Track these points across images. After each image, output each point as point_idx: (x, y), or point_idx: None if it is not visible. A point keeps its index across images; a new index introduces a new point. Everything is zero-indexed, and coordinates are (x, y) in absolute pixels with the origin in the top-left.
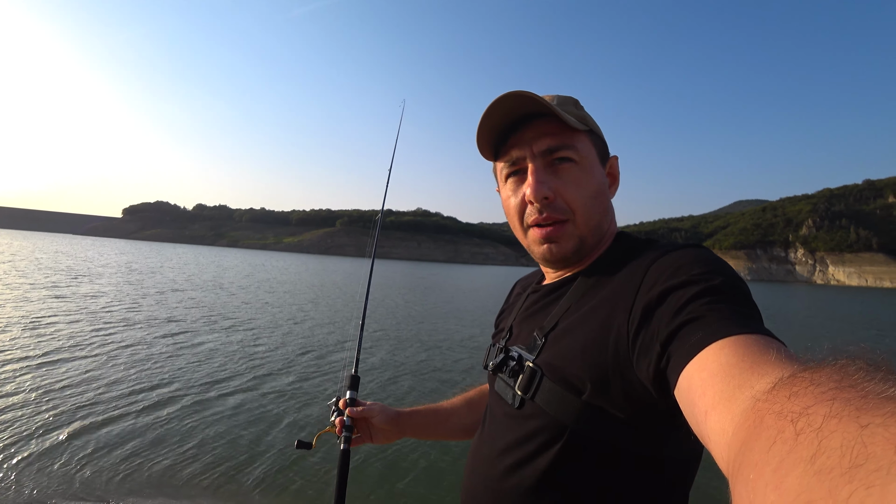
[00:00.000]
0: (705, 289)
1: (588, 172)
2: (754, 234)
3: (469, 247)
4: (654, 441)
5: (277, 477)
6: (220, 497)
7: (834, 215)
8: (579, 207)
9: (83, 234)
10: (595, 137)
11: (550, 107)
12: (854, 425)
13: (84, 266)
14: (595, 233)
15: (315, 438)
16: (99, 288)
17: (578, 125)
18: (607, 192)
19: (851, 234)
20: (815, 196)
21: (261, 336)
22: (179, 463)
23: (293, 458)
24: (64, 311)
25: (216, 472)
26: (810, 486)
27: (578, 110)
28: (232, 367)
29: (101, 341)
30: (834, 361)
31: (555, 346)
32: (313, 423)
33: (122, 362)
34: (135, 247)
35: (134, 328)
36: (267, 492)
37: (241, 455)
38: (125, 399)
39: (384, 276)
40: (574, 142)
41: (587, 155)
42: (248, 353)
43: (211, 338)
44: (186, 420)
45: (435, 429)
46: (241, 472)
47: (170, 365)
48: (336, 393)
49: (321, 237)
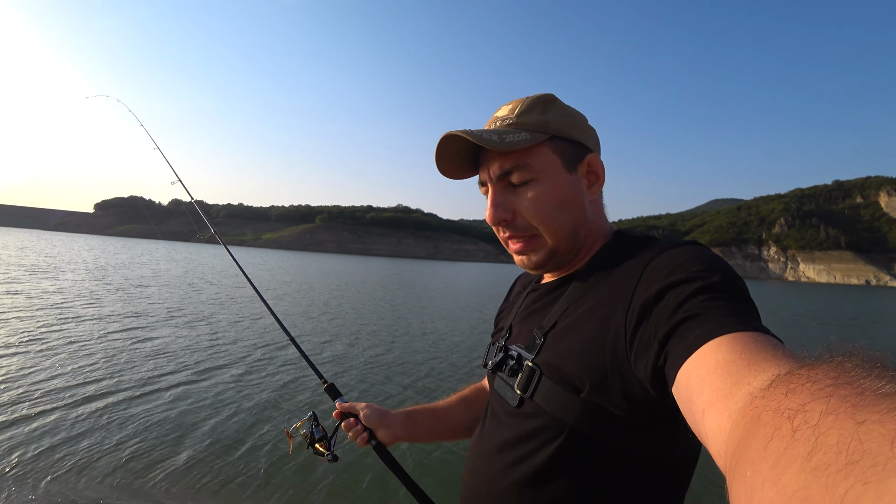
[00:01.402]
0: (703, 286)
1: (548, 185)
2: (729, 232)
3: (450, 244)
4: (653, 439)
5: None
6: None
7: (805, 214)
8: (541, 223)
9: (52, 230)
10: (560, 143)
11: (485, 143)
12: (850, 422)
13: (49, 262)
14: (568, 241)
15: (316, 450)
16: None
17: (531, 141)
18: (579, 196)
19: (821, 232)
20: (788, 196)
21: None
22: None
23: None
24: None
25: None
26: (807, 482)
27: (544, 114)
28: (174, 370)
29: (46, 341)
30: (830, 359)
31: (554, 345)
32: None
33: (64, 358)
34: (104, 243)
35: (86, 324)
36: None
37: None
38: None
39: (364, 272)
40: (527, 159)
41: (547, 167)
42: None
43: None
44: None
45: (432, 429)
46: (219, 476)
47: (110, 363)
48: (311, 407)
49: (301, 233)
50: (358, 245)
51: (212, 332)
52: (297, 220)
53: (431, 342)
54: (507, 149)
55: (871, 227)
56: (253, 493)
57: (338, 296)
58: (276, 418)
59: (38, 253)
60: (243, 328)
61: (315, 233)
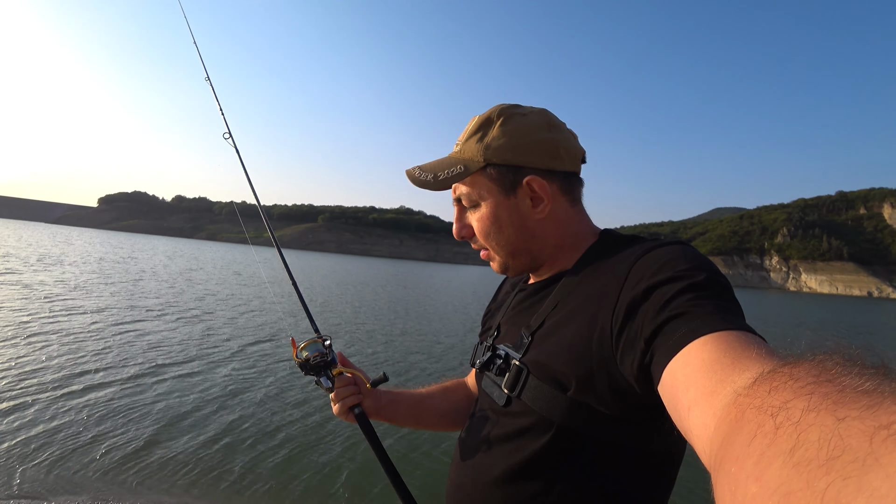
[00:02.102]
0: (689, 285)
1: (487, 210)
2: (731, 240)
3: (450, 246)
4: (639, 435)
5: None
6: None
7: (808, 224)
8: (486, 241)
9: (53, 223)
10: (494, 170)
11: (422, 186)
12: (831, 418)
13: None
14: (520, 255)
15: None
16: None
17: (464, 174)
18: (518, 218)
19: (824, 243)
20: (791, 205)
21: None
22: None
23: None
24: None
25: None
26: (789, 477)
27: (482, 140)
28: (174, 355)
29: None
30: (812, 357)
31: (541, 344)
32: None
33: (54, 350)
34: (106, 237)
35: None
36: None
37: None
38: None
39: (365, 272)
40: (467, 188)
41: (484, 193)
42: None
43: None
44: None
45: (408, 411)
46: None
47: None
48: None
49: (302, 233)
50: (359, 245)
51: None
52: (300, 219)
53: (426, 342)
54: (439, 188)
55: (874, 238)
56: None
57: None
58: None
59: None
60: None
61: (316, 232)
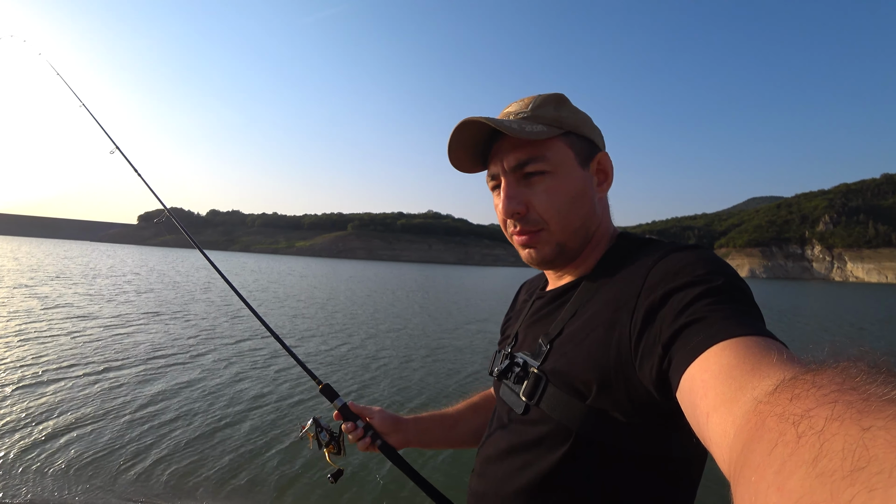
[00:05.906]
0: (707, 290)
1: (563, 179)
2: (769, 231)
3: (479, 248)
4: (659, 442)
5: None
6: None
7: (851, 211)
8: (552, 217)
9: (99, 241)
10: (574, 138)
11: (505, 129)
12: (856, 428)
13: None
14: (577, 235)
15: (328, 456)
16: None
17: (548, 133)
18: (591, 192)
19: (870, 229)
20: (832, 191)
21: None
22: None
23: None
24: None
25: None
26: (812, 488)
27: (558, 111)
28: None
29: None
30: (835, 364)
31: (560, 352)
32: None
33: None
34: (146, 253)
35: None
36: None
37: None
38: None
39: (395, 278)
40: (543, 151)
41: (562, 161)
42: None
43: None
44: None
45: (442, 435)
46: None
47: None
48: (312, 415)
49: (332, 241)
50: (388, 251)
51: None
52: (329, 227)
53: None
54: (526, 137)
55: None
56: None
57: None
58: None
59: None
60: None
61: (346, 240)
